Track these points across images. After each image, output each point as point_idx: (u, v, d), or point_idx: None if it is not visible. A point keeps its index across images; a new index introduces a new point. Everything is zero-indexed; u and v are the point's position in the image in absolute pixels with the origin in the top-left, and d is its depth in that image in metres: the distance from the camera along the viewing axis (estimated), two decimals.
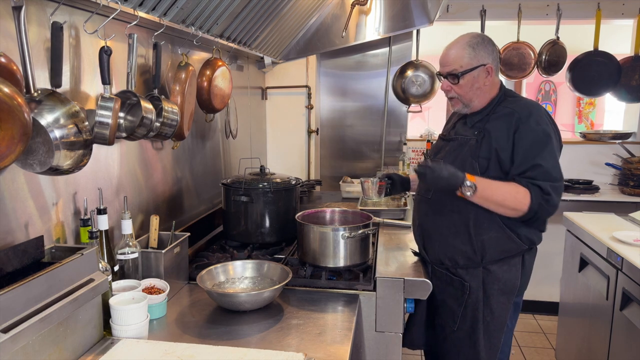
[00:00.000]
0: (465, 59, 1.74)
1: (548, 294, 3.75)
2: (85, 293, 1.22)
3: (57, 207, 1.40)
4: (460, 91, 1.78)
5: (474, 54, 1.74)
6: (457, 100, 1.82)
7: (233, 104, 2.73)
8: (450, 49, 1.78)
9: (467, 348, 1.83)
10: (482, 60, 1.75)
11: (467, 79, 1.75)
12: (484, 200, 1.68)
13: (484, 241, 1.76)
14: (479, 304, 1.80)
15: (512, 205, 1.67)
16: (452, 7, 3.63)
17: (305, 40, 3.30)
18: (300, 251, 1.89)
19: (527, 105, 1.76)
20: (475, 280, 1.79)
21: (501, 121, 1.74)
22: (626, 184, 3.44)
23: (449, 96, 1.84)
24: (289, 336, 1.41)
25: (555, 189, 1.66)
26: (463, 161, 1.77)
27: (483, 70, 1.75)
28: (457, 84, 1.77)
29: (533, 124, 1.69)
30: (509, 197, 1.67)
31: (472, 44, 1.75)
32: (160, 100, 1.72)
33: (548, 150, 1.68)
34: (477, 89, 1.77)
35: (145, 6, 1.56)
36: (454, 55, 1.76)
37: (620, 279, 2.15)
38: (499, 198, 1.67)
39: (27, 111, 1.03)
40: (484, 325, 1.81)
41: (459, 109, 1.84)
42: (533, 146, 1.68)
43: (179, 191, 2.20)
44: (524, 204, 1.65)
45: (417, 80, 3.53)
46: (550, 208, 1.67)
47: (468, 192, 1.64)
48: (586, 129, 5.59)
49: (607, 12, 3.49)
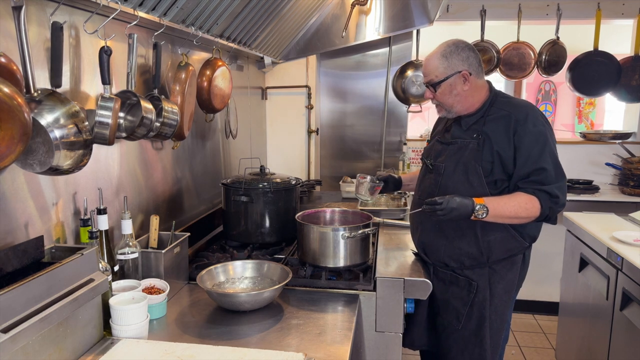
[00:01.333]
0: (440, 69, 1.80)
1: (548, 294, 3.75)
2: (85, 293, 1.22)
3: (57, 207, 1.40)
4: (440, 99, 1.84)
5: (447, 63, 1.79)
6: (439, 107, 1.89)
7: (233, 104, 2.73)
8: (428, 60, 1.85)
9: (473, 346, 1.83)
10: (456, 68, 1.79)
11: (443, 87, 1.81)
12: (498, 218, 1.71)
13: (490, 242, 1.79)
14: (485, 302, 1.81)
15: (525, 215, 1.71)
16: (452, 7, 3.63)
17: (305, 40, 3.30)
18: (300, 251, 1.89)
19: (522, 107, 1.79)
20: (483, 279, 1.81)
21: (498, 124, 1.76)
22: (626, 184, 3.44)
23: (433, 103, 1.91)
24: (289, 336, 1.41)
25: (560, 189, 1.71)
26: (466, 165, 1.78)
27: (459, 77, 1.79)
28: (436, 92, 1.83)
29: (530, 126, 1.72)
30: (520, 210, 1.70)
31: (445, 54, 1.80)
32: (160, 100, 1.72)
33: (548, 151, 1.71)
34: (455, 95, 1.81)
35: (145, 6, 1.56)
36: (430, 66, 1.82)
37: (620, 279, 2.15)
38: (511, 213, 1.70)
39: (27, 111, 1.03)
40: (489, 323, 1.82)
41: (443, 114, 1.92)
42: (533, 149, 1.70)
43: (179, 191, 2.20)
44: (535, 212, 1.70)
45: (417, 80, 3.53)
46: (560, 208, 1.72)
47: (481, 215, 1.67)
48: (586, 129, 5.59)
49: (607, 12, 3.49)
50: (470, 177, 1.76)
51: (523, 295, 1.95)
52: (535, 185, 1.70)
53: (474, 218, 1.69)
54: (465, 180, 1.77)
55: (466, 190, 1.75)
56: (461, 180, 1.78)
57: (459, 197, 1.68)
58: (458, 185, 1.79)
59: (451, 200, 1.67)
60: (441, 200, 1.68)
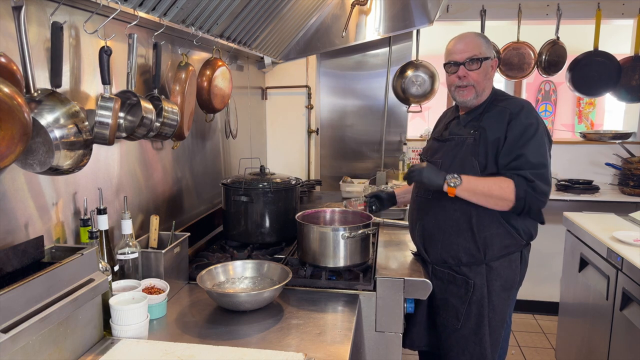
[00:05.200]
0: (483, 46, 1.81)
1: (548, 294, 3.75)
2: (85, 293, 1.22)
3: (57, 207, 1.40)
4: (477, 77, 1.79)
5: (487, 44, 1.82)
6: (470, 89, 1.80)
7: (233, 104, 2.73)
8: (465, 38, 1.82)
9: (473, 345, 1.84)
10: (492, 54, 1.83)
11: (485, 65, 1.80)
12: (471, 193, 1.71)
13: (487, 238, 1.79)
14: (483, 300, 1.81)
15: (499, 195, 1.69)
16: (452, 7, 3.63)
17: (305, 40, 3.30)
18: (300, 251, 1.89)
19: (518, 102, 1.81)
20: (479, 278, 1.81)
21: (494, 119, 1.78)
22: (626, 184, 3.44)
23: (464, 83, 1.80)
24: (289, 336, 1.41)
25: (538, 176, 1.67)
26: (463, 160, 1.79)
27: (492, 63, 1.83)
28: (479, 69, 1.78)
29: (523, 118, 1.74)
30: (494, 187, 1.70)
31: (482, 36, 1.84)
32: (160, 100, 1.72)
33: (534, 141, 1.70)
34: (488, 79, 1.83)
35: (145, 6, 1.56)
36: (473, 43, 1.80)
37: (620, 279, 2.15)
38: (484, 189, 1.70)
39: (27, 111, 1.03)
40: (488, 322, 1.82)
41: (470, 98, 1.82)
42: (519, 138, 1.71)
43: (179, 191, 2.20)
44: (509, 193, 1.68)
45: (417, 80, 3.53)
46: (539, 195, 1.68)
47: (454, 183, 1.68)
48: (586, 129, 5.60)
49: (607, 12, 3.49)
50: (467, 171, 1.77)
51: (523, 295, 1.95)
52: (513, 170, 1.70)
53: (448, 189, 1.70)
54: (462, 174, 1.77)
55: None
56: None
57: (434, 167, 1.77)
58: None
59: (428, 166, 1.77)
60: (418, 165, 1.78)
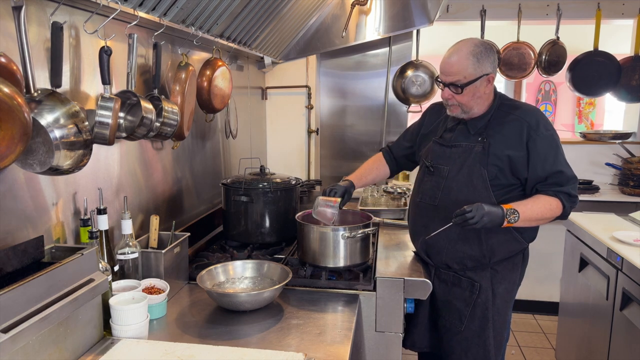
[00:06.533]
0: (470, 69, 1.70)
1: (548, 294, 3.75)
2: (85, 293, 1.22)
3: (57, 207, 1.40)
4: (462, 100, 1.75)
5: (477, 64, 1.70)
6: (456, 107, 1.78)
7: (233, 104, 2.73)
8: (453, 57, 1.72)
9: (476, 347, 1.83)
10: (485, 70, 1.72)
11: (469, 89, 1.72)
12: (527, 222, 1.71)
13: (493, 244, 1.79)
14: (488, 303, 1.81)
15: (550, 216, 1.73)
16: (452, 7, 3.63)
17: (305, 40, 3.30)
18: (300, 251, 1.89)
19: (531, 112, 1.78)
20: (485, 280, 1.81)
21: (508, 128, 1.75)
22: (626, 184, 3.44)
23: (449, 104, 1.80)
24: (289, 336, 1.41)
25: (576, 189, 1.76)
26: (470, 169, 1.77)
27: (485, 80, 1.73)
28: (460, 94, 1.73)
29: (543, 131, 1.73)
30: (545, 211, 1.71)
31: (476, 54, 1.70)
32: (160, 100, 1.72)
33: (561, 153, 1.75)
34: (477, 97, 1.75)
35: (145, 6, 1.56)
36: (458, 66, 1.70)
37: (620, 279, 2.15)
38: (538, 215, 1.71)
39: (27, 111, 1.03)
40: (492, 324, 1.82)
41: (457, 114, 1.81)
42: (549, 153, 1.72)
43: (179, 191, 2.20)
44: (558, 212, 1.73)
45: (417, 80, 3.53)
46: (576, 204, 1.77)
47: (514, 219, 1.65)
48: (586, 129, 5.59)
49: (607, 12, 3.49)
50: (475, 180, 1.76)
51: (523, 295, 1.96)
52: (555, 187, 1.72)
53: (506, 224, 1.65)
54: (469, 182, 1.77)
55: (470, 193, 1.75)
56: (465, 183, 1.77)
57: (485, 205, 1.62)
58: (462, 187, 1.78)
59: (479, 207, 1.61)
60: (470, 208, 1.61)
